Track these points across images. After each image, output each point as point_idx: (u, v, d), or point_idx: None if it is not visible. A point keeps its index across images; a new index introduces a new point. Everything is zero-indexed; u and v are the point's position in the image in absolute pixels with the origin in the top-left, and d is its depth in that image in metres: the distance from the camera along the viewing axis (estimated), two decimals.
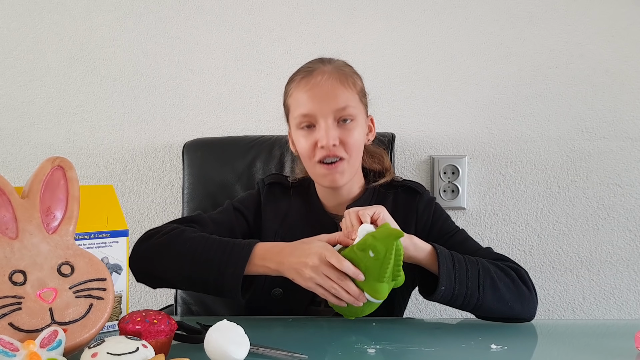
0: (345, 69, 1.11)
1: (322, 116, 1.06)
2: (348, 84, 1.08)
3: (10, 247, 0.76)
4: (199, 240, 1.00)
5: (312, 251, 0.93)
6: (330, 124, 1.06)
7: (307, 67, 1.10)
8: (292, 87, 1.11)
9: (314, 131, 1.08)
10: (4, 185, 0.77)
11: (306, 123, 1.08)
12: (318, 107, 1.06)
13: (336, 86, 1.06)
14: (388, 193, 1.17)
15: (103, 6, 1.68)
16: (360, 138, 1.10)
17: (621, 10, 1.52)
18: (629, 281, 1.55)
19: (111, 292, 0.79)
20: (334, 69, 1.09)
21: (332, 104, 1.06)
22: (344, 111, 1.06)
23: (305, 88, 1.07)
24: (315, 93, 1.06)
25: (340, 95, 1.06)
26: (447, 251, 0.99)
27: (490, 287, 0.98)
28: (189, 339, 0.87)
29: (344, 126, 1.07)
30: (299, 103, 1.08)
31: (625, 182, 1.54)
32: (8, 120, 1.71)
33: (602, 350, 0.85)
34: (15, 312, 0.73)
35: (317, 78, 1.07)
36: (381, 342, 0.89)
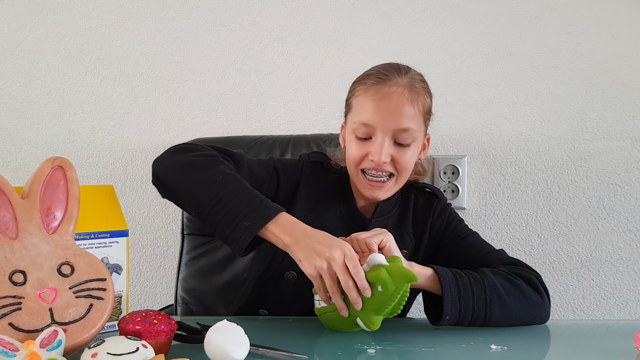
0: (418, 85, 1.06)
1: (381, 131, 1.02)
2: (417, 103, 1.04)
3: (10, 247, 0.76)
4: (231, 179, 0.96)
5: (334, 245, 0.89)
6: (387, 141, 1.03)
7: (382, 74, 1.05)
8: (361, 89, 1.06)
9: (368, 143, 1.04)
10: (4, 185, 0.77)
11: (364, 134, 1.04)
12: (380, 121, 1.02)
13: (404, 104, 1.02)
14: (409, 194, 1.18)
15: (103, 6, 1.68)
16: (413, 159, 1.08)
17: (621, 10, 1.52)
18: (629, 281, 1.55)
19: (111, 292, 0.79)
20: (407, 83, 1.04)
21: (396, 122, 1.02)
22: (405, 132, 1.03)
23: (374, 96, 1.03)
24: (381, 105, 1.02)
25: (406, 114, 1.02)
26: (450, 274, 0.96)
27: (497, 305, 0.96)
28: (189, 339, 0.87)
29: (400, 146, 1.04)
30: (362, 109, 1.04)
31: (625, 182, 1.54)
32: (8, 120, 1.71)
33: (602, 351, 0.85)
34: (15, 312, 0.73)
35: (390, 89, 1.02)
36: (381, 342, 0.89)
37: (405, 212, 1.17)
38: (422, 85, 1.08)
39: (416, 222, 1.17)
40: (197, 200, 0.96)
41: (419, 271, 0.96)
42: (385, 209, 1.14)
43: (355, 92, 1.07)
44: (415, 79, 1.06)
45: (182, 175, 0.98)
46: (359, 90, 1.06)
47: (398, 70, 1.06)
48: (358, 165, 1.07)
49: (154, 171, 1.01)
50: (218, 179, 0.95)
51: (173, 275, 1.58)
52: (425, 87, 1.09)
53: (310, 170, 1.15)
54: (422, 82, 1.08)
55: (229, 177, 0.96)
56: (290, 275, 1.10)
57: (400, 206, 1.17)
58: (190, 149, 1.02)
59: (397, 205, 1.16)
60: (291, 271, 1.10)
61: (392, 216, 1.15)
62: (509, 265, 1.06)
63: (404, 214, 1.17)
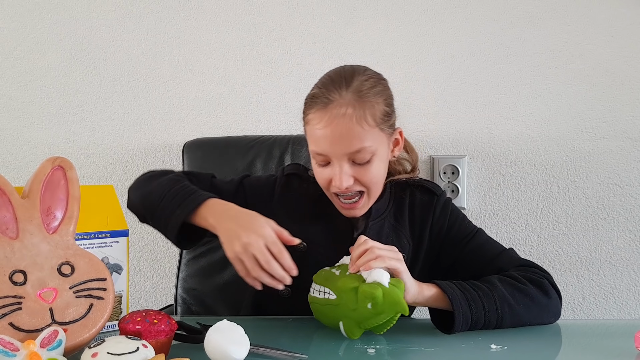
0: (365, 94, 0.99)
1: (335, 158, 0.99)
2: (366, 120, 0.97)
3: (11, 247, 0.76)
4: (173, 180, 1.03)
5: (254, 228, 0.89)
6: (344, 166, 0.99)
7: (326, 96, 0.98)
8: (310, 114, 1.01)
9: (329, 167, 1.01)
10: (4, 185, 0.77)
11: (321, 161, 1.02)
12: (331, 150, 0.98)
13: (351, 127, 0.96)
14: (404, 193, 1.14)
15: (103, 6, 1.68)
16: (379, 171, 1.03)
17: (621, 10, 1.52)
18: (629, 281, 1.55)
19: (111, 292, 0.79)
20: (352, 99, 0.97)
21: (346, 147, 0.97)
22: (359, 154, 0.98)
23: (319, 125, 0.98)
24: (328, 133, 0.97)
25: (355, 136, 0.97)
26: (458, 290, 0.94)
27: (508, 314, 0.95)
28: (189, 339, 0.87)
29: (359, 166, 1.00)
30: (313, 138, 1.01)
31: (624, 182, 1.54)
32: (8, 120, 1.71)
33: (602, 350, 0.85)
34: (16, 312, 0.73)
35: (333, 112, 0.97)
36: (381, 342, 0.89)
37: (400, 211, 1.12)
38: (370, 90, 1.00)
39: (413, 223, 1.12)
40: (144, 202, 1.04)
41: (427, 294, 0.94)
42: (379, 209, 1.10)
43: (306, 115, 1.03)
44: (361, 87, 0.99)
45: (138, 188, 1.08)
46: (308, 116, 1.02)
47: (340, 83, 0.99)
48: (328, 189, 1.05)
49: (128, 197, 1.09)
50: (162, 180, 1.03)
51: (173, 275, 1.58)
52: (375, 89, 1.01)
53: (285, 184, 1.13)
54: (370, 87, 1.00)
55: (171, 179, 1.03)
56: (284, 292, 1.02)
57: (393, 205, 1.12)
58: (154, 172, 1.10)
59: (390, 205, 1.12)
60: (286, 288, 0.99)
61: (387, 216, 1.11)
62: (520, 268, 1.04)
63: (399, 214, 1.12)
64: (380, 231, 1.08)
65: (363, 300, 0.85)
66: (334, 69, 1.05)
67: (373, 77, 1.03)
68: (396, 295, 0.85)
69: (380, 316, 0.86)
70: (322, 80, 1.03)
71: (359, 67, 1.04)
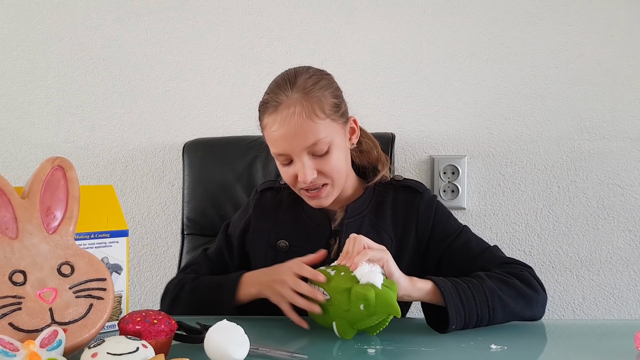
0: (313, 90, 1.05)
1: (295, 154, 1.06)
2: (316, 114, 1.04)
3: (10, 247, 0.76)
4: (195, 287, 1.11)
5: (283, 268, 0.99)
6: (305, 161, 1.05)
7: (275, 99, 1.06)
8: (264, 119, 1.09)
9: (291, 165, 1.08)
10: (4, 185, 0.77)
11: (284, 161, 1.09)
12: (289, 148, 1.05)
13: (302, 123, 1.03)
14: (387, 193, 1.17)
15: (103, 6, 1.68)
16: (339, 160, 1.09)
17: (621, 10, 1.52)
18: (629, 281, 1.55)
19: (111, 292, 0.79)
20: (299, 98, 1.04)
21: (302, 142, 1.04)
22: (316, 146, 1.05)
23: (274, 127, 1.05)
24: (283, 133, 1.04)
25: (309, 131, 1.03)
26: (450, 284, 0.96)
27: (499, 306, 0.96)
28: (189, 339, 0.87)
29: (320, 158, 1.07)
30: (270, 141, 1.08)
31: (625, 182, 1.54)
32: (8, 120, 1.71)
33: (602, 350, 0.85)
34: (15, 312, 0.73)
35: (283, 114, 1.04)
36: (381, 342, 0.89)
37: (381, 209, 1.15)
38: (315, 86, 1.06)
39: (396, 220, 1.14)
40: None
41: (422, 287, 0.95)
42: (356, 209, 1.14)
43: (261, 121, 1.10)
44: (306, 86, 1.05)
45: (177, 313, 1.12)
46: (262, 121, 1.09)
47: (286, 85, 1.06)
48: (295, 186, 1.12)
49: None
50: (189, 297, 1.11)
51: (173, 275, 1.58)
52: (319, 84, 1.07)
53: (259, 200, 1.21)
54: (314, 84, 1.06)
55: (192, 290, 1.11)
56: None
57: (374, 205, 1.16)
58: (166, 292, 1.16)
59: (370, 204, 1.15)
60: None
61: (366, 215, 1.14)
62: (503, 265, 1.06)
63: (380, 212, 1.15)
64: (360, 228, 1.12)
65: (356, 301, 0.85)
66: (279, 74, 1.12)
67: (315, 74, 1.10)
68: (389, 297, 0.85)
69: (372, 317, 0.86)
70: (270, 86, 1.11)
71: (301, 67, 1.11)
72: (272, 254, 1.14)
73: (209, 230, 1.52)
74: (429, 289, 0.95)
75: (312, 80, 1.07)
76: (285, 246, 1.14)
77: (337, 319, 0.89)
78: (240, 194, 1.50)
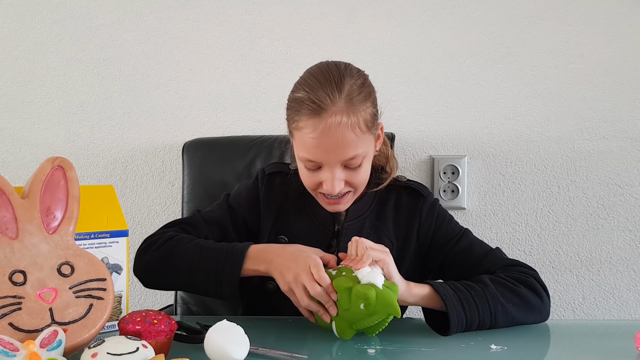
0: (357, 99, 0.98)
1: (328, 165, 1.00)
2: (360, 128, 0.98)
3: (10, 247, 0.76)
4: (193, 251, 1.01)
5: (301, 258, 0.94)
6: (337, 172, 1.00)
7: (315, 102, 0.96)
8: (299, 120, 0.99)
9: (318, 172, 1.02)
10: (4, 185, 0.77)
11: (312, 166, 1.02)
12: (325, 158, 0.99)
13: (345, 136, 0.96)
14: (389, 195, 1.14)
15: (103, 6, 1.67)
16: (367, 172, 1.05)
17: (621, 10, 1.52)
18: (629, 281, 1.55)
19: (111, 292, 0.79)
20: (344, 107, 0.96)
21: (341, 155, 0.98)
22: (352, 160, 1.00)
23: (312, 133, 0.97)
24: (322, 143, 0.97)
25: (350, 145, 0.97)
26: (451, 290, 0.94)
27: (502, 313, 0.95)
28: (189, 339, 0.87)
29: (350, 170, 1.02)
30: (304, 145, 1.00)
31: (625, 182, 1.54)
32: (8, 120, 1.71)
33: (602, 351, 0.85)
34: (15, 312, 0.73)
35: (327, 122, 0.95)
36: (381, 342, 0.89)
37: (383, 212, 1.13)
38: (359, 93, 0.99)
39: (398, 224, 1.12)
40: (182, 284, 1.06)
41: (418, 292, 0.94)
42: (357, 211, 1.11)
43: (295, 121, 1.00)
44: (352, 92, 0.98)
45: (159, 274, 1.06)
46: (298, 121, 0.99)
47: (332, 90, 0.97)
48: (315, 190, 1.06)
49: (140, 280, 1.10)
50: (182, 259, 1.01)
51: None
52: (364, 92, 1.00)
53: (267, 183, 1.15)
54: (358, 91, 0.99)
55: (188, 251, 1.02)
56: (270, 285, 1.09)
57: (376, 207, 1.13)
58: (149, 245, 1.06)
59: (372, 206, 1.13)
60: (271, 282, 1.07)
61: (368, 217, 1.12)
62: (507, 268, 1.05)
63: (381, 214, 1.12)
64: (360, 230, 1.10)
65: (356, 300, 0.85)
66: (317, 68, 1.03)
67: (359, 77, 1.02)
68: (389, 297, 0.85)
69: (372, 317, 0.86)
70: (308, 81, 1.01)
71: (345, 67, 1.03)
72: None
73: None
74: (425, 294, 0.95)
75: (358, 86, 1.00)
76: (286, 242, 1.09)
77: (336, 319, 0.89)
78: None
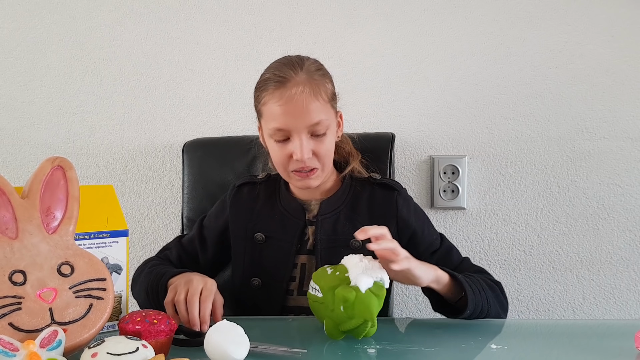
0: (317, 74, 1.10)
1: (296, 132, 1.08)
2: (321, 94, 1.08)
3: (10, 247, 0.76)
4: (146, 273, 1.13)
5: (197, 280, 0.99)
6: (304, 139, 1.08)
7: (280, 76, 1.08)
8: (266, 95, 1.10)
9: (287, 143, 1.09)
10: (4, 185, 0.77)
11: (281, 137, 1.09)
12: (292, 123, 1.07)
13: (310, 101, 1.06)
14: (363, 189, 1.20)
15: (103, 6, 1.67)
16: (332, 145, 1.13)
17: (621, 10, 1.52)
18: (629, 281, 1.55)
19: (111, 292, 0.79)
20: (307, 79, 1.08)
21: (307, 119, 1.07)
22: (318, 126, 1.08)
23: (279, 102, 1.07)
24: (289, 109, 1.06)
25: (314, 110, 1.07)
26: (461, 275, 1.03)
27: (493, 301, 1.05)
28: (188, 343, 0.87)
29: (317, 138, 1.09)
30: (272, 116, 1.09)
31: (625, 182, 1.54)
32: (8, 120, 1.71)
33: (602, 351, 0.85)
34: (15, 312, 0.73)
35: (291, 91, 1.06)
36: (381, 342, 0.89)
37: (357, 204, 1.18)
38: (320, 73, 1.12)
39: (373, 216, 1.17)
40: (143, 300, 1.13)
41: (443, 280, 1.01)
42: (331, 204, 1.17)
43: (261, 99, 1.11)
44: (311, 70, 1.10)
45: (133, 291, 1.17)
46: (264, 97, 1.10)
47: (293, 66, 1.09)
48: (286, 168, 1.12)
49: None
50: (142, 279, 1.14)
51: None
52: (324, 73, 1.13)
53: (236, 194, 1.24)
54: (319, 71, 1.12)
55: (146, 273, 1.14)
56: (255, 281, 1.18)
57: (350, 200, 1.18)
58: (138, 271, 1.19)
59: (346, 200, 1.18)
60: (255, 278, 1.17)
61: (342, 210, 1.17)
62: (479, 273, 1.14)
63: (356, 206, 1.18)
64: (336, 223, 1.16)
65: (338, 302, 0.86)
66: (279, 59, 1.14)
67: (317, 62, 1.14)
68: (368, 303, 0.84)
69: (351, 321, 0.86)
70: (272, 67, 1.12)
71: (302, 55, 1.15)
72: (249, 247, 1.18)
73: None
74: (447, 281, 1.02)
75: (317, 66, 1.13)
76: (262, 239, 1.18)
77: (325, 319, 0.90)
78: None
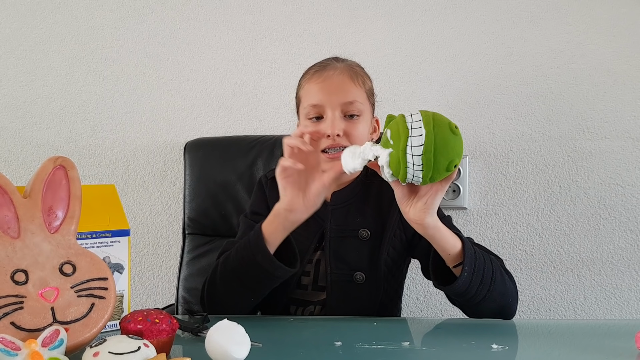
0: (357, 68, 1.17)
1: (330, 107, 1.10)
2: (358, 81, 1.14)
3: (12, 246, 0.76)
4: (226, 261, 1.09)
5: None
6: (337, 116, 1.10)
7: (321, 63, 1.17)
8: (305, 80, 1.17)
9: (321, 123, 1.12)
10: (6, 185, 0.78)
11: (315, 114, 1.12)
12: (327, 99, 1.11)
13: (346, 81, 1.12)
14: (374, 183, 1.20)
15: (105, 6, 1.68)
16: (364, 133, 1.14)
17: (622, 10, 1.52)
18: (630, 281, 1.55)
19: (113, 292, 0.80)
20: (346, 67, 1.15)
21: (341, 96, 1.11)
22: (352, 105, 1.11)
23: (317, 81, 1.13)
24: (325, 86, 1.12)
25: (350, 90, 1.12)
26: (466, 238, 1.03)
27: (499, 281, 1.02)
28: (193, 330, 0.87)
29: (350, 120, 1.12)
30: (309, 94, 1.14)
31: (626, 181, 1.54)
32: (10, 120, 1.71)
33: (603, 350, 0.85)
34: (17, 311, 0.73)
35: (329, 72, 1.13)
36: (381, 342, 0.89)
37: (367, 196, 1.20)
38: (361, 69, 1.18)
39: (381, 208, 1.18)
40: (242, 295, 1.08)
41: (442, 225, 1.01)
42: (341, 197, 1.18)
43: (301, 84, 1.18)
44: (352, 64, 1.17)
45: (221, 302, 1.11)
46: (304, 82, 1.17)
47: (336, 59, 1.18)
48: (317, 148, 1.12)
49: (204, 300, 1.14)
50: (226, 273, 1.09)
51: (174, 275, 1.58)
52: (364, 71, 1.19)
53: (270, 186, 1.22)
54: (360, 68, 1.18)
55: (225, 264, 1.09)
56: None
57: (362, 194, 1.20)
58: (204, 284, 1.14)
59: (358, 193, 1.19)
60: None
61: (354, 202, 1.19)
62: None
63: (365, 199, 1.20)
64: (347, 213, 1.17)
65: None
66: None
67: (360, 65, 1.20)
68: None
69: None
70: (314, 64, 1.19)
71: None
72: None
73: (210, 230, 1.52)
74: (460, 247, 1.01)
75: (358, 65, 1.19)
76: None
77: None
78: (242, 193, 1.50)
